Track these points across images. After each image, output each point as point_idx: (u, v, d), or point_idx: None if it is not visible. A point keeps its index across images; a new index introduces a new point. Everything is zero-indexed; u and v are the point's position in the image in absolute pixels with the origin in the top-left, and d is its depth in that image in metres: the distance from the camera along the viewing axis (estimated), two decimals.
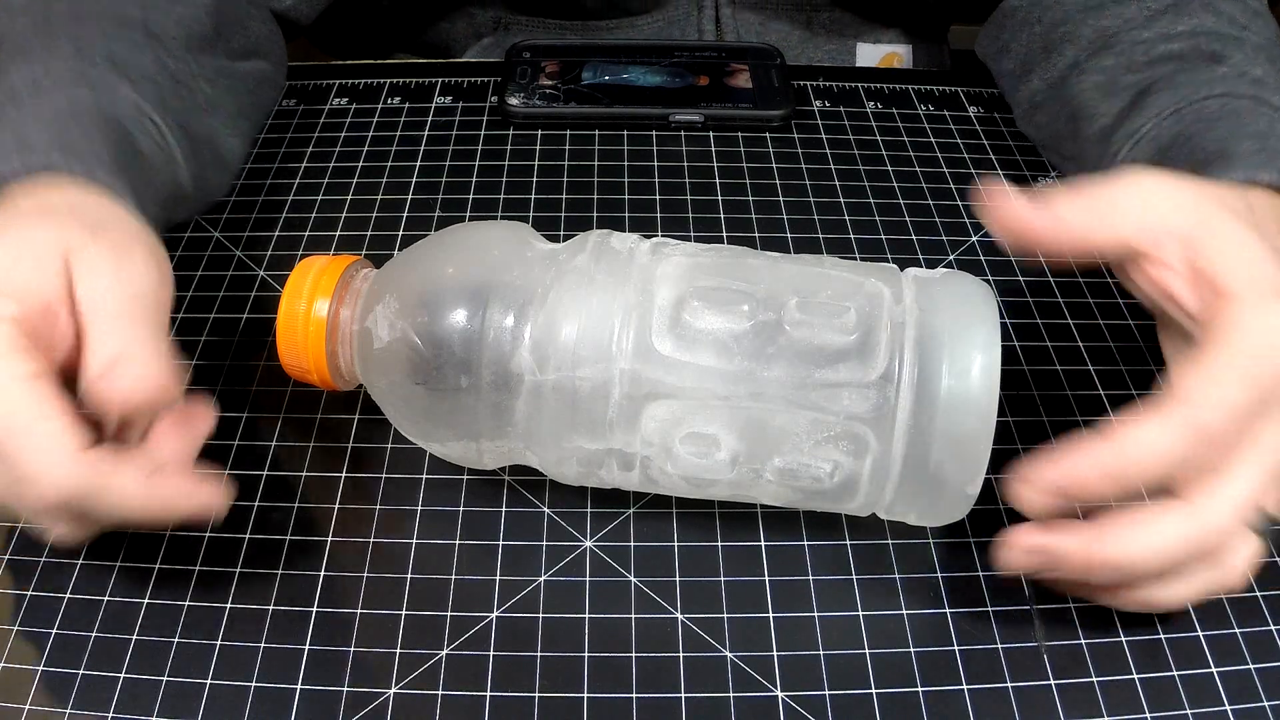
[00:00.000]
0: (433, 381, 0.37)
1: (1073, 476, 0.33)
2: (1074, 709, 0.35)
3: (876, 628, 0.38)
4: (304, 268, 0.41)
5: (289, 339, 0.40)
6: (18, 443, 0.32)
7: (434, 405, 0.38)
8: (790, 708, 0.35)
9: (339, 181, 0.57)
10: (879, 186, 0.58)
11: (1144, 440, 0.33)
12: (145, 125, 0.44)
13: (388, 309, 0.38)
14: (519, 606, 0.38)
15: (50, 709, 0.35)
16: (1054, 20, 0.55)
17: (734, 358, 0.35)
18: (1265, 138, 0.43)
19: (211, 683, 0.35)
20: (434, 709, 0.35)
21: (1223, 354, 0.34)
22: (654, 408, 0.35)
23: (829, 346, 0.35)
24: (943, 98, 0.66)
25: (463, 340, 0.37)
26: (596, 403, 0.36)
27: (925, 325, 0.35)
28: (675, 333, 0.36)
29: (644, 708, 0.35)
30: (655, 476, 0.37)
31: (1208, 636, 0.38)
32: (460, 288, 0.37)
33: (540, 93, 0.63)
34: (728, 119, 0.62)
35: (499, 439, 0.38)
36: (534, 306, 0.37)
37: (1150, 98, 0.48)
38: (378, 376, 0.39)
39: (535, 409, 0.37)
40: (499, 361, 0.36)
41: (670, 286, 0.36)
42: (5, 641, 0.36)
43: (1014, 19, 0.59)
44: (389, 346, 0.38)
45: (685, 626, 0.38)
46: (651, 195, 0.57)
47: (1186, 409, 0.33)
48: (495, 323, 0.36)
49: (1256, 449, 0.34)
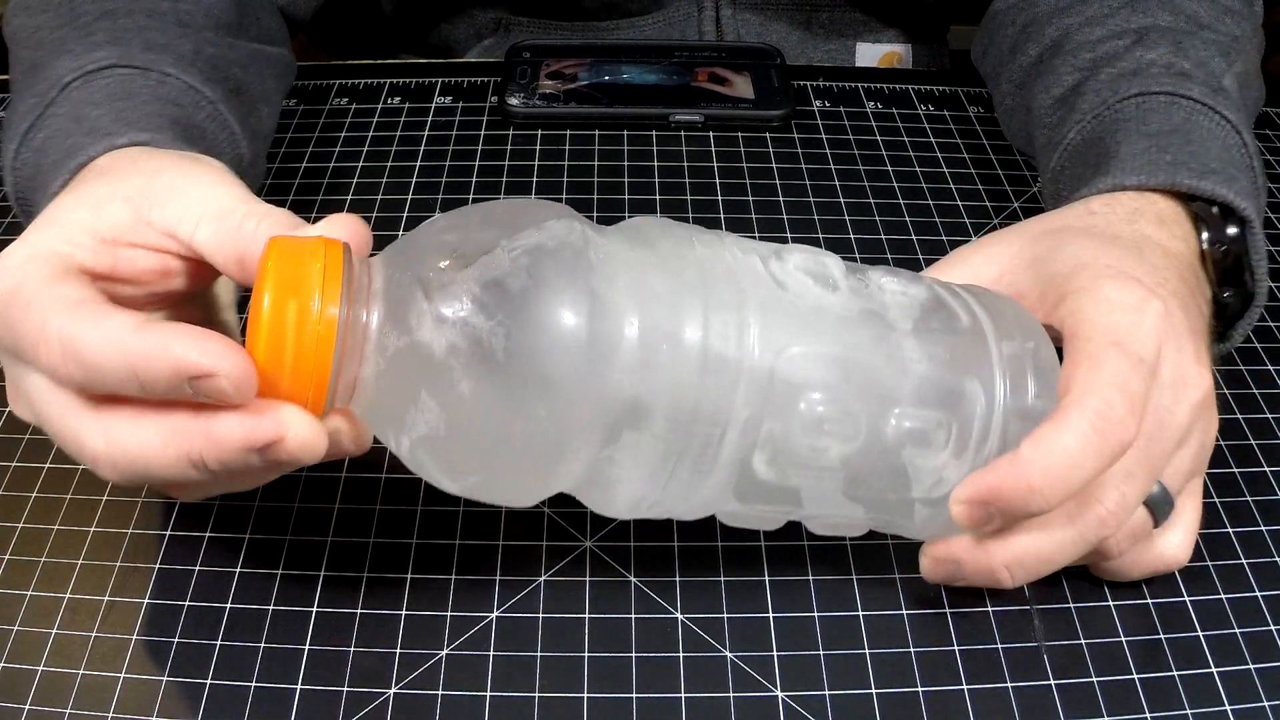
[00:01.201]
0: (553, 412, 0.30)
1: (991, 488, 0.33)
2: (1074, 709, 0.35)
3: (876, 628, 0.38)
4: (288, 252, 0.31)
5: (276, 346, 0.30)
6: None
7: (521, 446, 0.31)
8: (790, 708, 0.35)
9: (339, 181, 0.57)
10: (879, 186, 0.58)
11: (1055, 445, 0.32)
12: (200, 102, 0.44)
13: (459, 307, 0.30)
14: (519, 606, 0.38)
15: (50, 709, 0.35)
16: (1025, 21, 0.55)
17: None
18: (1160, 137, 0.44)
19: (211, 683, 0.35)
20: (434, 709, 0.35)
21: (1081, 347, 0.34)
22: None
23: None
24: (943, 98, 0.66)
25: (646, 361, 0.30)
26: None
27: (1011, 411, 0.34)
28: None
29: (644, 708, 0.35)
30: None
31: (1207, 636, 0.38)
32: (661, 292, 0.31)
33: (540, 93, 0.63)
34: (728, 119, 0.62)
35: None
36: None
37: (1077, 101, 0.49)
38: (430, 398, 0.30)
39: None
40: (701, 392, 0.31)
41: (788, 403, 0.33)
42: (6, 641, 0.36)
43: (994, 21, 0.59)
44: (467, 360, 0.30)
45: (685, 626, 0.38)
46: (651, 195, 0.57)
47: (1083, 401, 0.33)
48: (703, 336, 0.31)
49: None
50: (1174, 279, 0.38)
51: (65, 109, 0.41)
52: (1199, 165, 0.42)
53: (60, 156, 0.39)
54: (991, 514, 0.33)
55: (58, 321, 0.30)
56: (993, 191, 0.58)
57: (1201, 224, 0.42)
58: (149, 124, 0.40)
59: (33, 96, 0.43)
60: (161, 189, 0.35)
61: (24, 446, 0.43)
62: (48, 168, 0.40)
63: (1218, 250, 0.42)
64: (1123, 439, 0.32)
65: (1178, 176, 0.42)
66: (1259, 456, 0.44)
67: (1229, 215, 0.42)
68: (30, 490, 0.41)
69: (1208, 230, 0.42)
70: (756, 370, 0.31)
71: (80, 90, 0.42)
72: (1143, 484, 0.35)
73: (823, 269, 0.34)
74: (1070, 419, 0.32)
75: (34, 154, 0.42)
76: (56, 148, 0.40)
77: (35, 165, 0.41)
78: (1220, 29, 0.50)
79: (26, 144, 0.42)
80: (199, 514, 0.40)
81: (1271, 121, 0.65)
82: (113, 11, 0.46)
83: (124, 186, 0.35)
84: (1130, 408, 0.33)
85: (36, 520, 0.40)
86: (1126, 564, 0.38)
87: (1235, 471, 0.44)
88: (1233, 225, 0.42)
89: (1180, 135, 0.44)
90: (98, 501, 0.41)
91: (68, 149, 0.39)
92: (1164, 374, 0.35)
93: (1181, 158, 0.43)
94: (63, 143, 0.40)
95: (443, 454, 0.32)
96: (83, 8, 0.46)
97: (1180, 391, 0.35)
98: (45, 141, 0.41)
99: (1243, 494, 0.43)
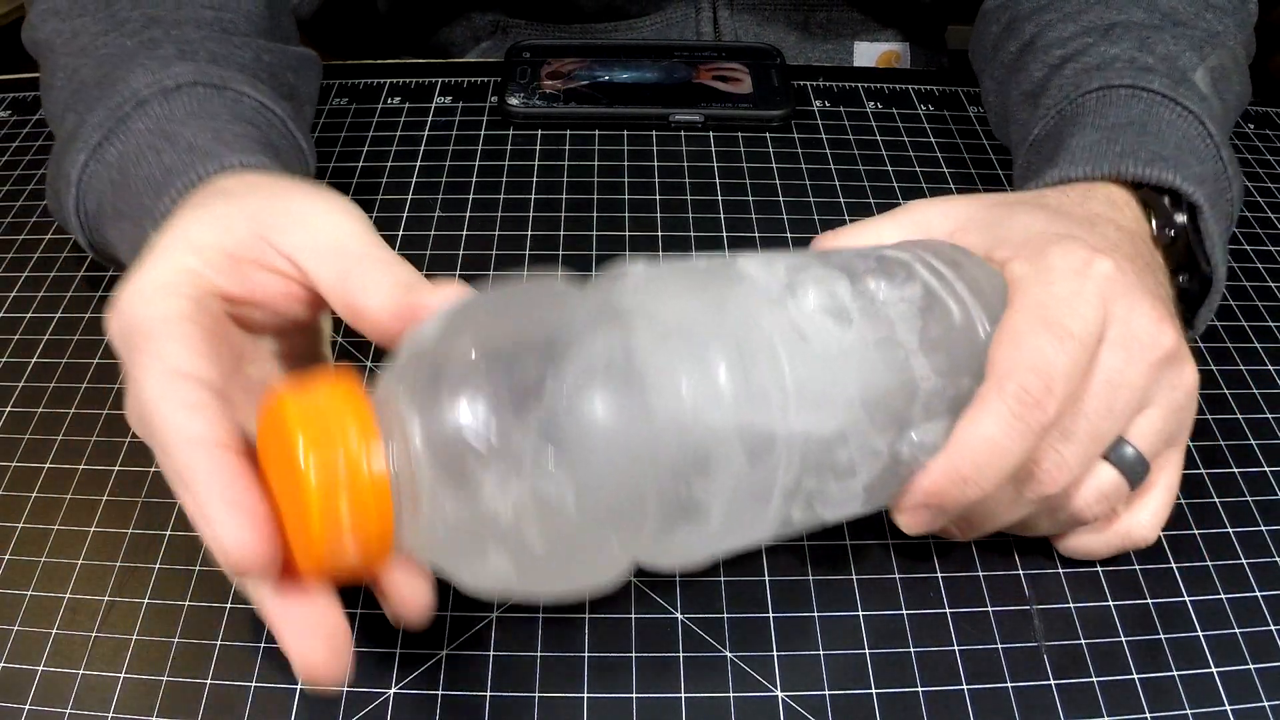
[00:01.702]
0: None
1: (928, 491, 0.34)
2: (1074, 709, 0.35)
3: (876, 628, 0.38)
4: (312, 417, 0.28)
5: (330, 515, 0.27)
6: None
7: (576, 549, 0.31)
8: (790, 708, 0.35)
9: (339, 181, 0.57)
10: (879, 186, 0.58)
11: (976, 434, 0.33)
12: (272, 121, 0.44)
13: (522, 468, 0.28)
14: (519, 606, 0.38)
15: (50, 709, 0.35)
16: (1009, 19, 0.56)
17: None
18: (1114, 129, 0.44)
19: (211, 683, 0.35)
20: (434, 709, 0.35)
21: (1013, 320, 0.34)
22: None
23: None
24: (943, 98, 0.66)
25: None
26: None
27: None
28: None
29: (644, 708, 0.35)
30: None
31: (1207, 636, 0.38)
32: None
33: (540, 93, 0.63)
34: (728, 119, 0.62)
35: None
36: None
37: (1042, 97, 0.49)
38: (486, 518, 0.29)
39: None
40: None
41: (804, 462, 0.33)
42: (5, 641, 0.36)
43: (983, 20, 0.59)
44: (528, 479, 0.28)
45: (685, 626, 0.38)
46: (651, 195, 0.57)
47: (1003, 385, 0.33)
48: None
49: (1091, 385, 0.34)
50: (1126, 246, 0.38)
51: (146, 125, 0.41)
52: (1148, 154, 0.42)
53: (158, 174, 0.39)
54: (935, 513, 0.34)
55: (153, 386, 0.31)
56: (992, 191, 0.58)
57: (1149, 210, 0.42)
58: (242, 145, 0.40)
59: (102, 110, 0.42)
60: (283, 214, 0.35)
61: (24, 446, 0.43)
62: (138, 185, 0.40)
63: (1166, 235, 0.42)
64: (1042, 419, 0.33)
65: (1123, 165, 0.42)
66: (1259, 456, 0.44)
67: (1180, 202, 0.42)
68: (30, 490, 0.41)
69: (1156, 217, 0.42)
70: (794, 439, 0.32)
71: (160, 107, 0.42)
72: (1082, 444, 0.34)
73: (836, 300, 0.34)
74: (990, 404, 0.33)
75: (106, 168, 0.42)
76: (148, 165, 0.40)
77: (108, 180, 0.41)
78: (1198, 25, 0.50)
79: (97, 158, 0.42)
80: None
81: (1272, 121, 0.65)
82: (159, 19, 0.46)
83: (247, 207, 0.35)
84: (1046, 387, 0.33)
85: (36, 520, 0.40)
86: (1091, 540, 0.38)
87: (1235, 471, 0.44)
88: (1181, 213, 0.42)
89: (1136, 127, 0.44)
90: (98, 501, 0.41)
91: (167, 167, 0.39)
92: (1112, 334, 0.34)
93: (1131, 148, 0.43)
94: (156, 160, 0.40)
95: (513, 587, 0.32)
96: (125, 14, 0.46)
97: (1133, 350, 0.35)
98: (124, 158, 0.41)
99: (1243, 494, 0.43)
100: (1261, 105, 0.65)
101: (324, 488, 0.27)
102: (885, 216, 0.40)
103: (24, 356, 0.47)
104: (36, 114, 0.63)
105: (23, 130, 0.62)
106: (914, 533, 0.35)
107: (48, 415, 0.44)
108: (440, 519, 0.29)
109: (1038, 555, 0.40)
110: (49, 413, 0.45)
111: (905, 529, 0.35)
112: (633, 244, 0.53)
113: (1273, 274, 0.54)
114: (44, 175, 0.58)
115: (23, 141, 0.61)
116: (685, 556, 0.34)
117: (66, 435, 0.44)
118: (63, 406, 0.45)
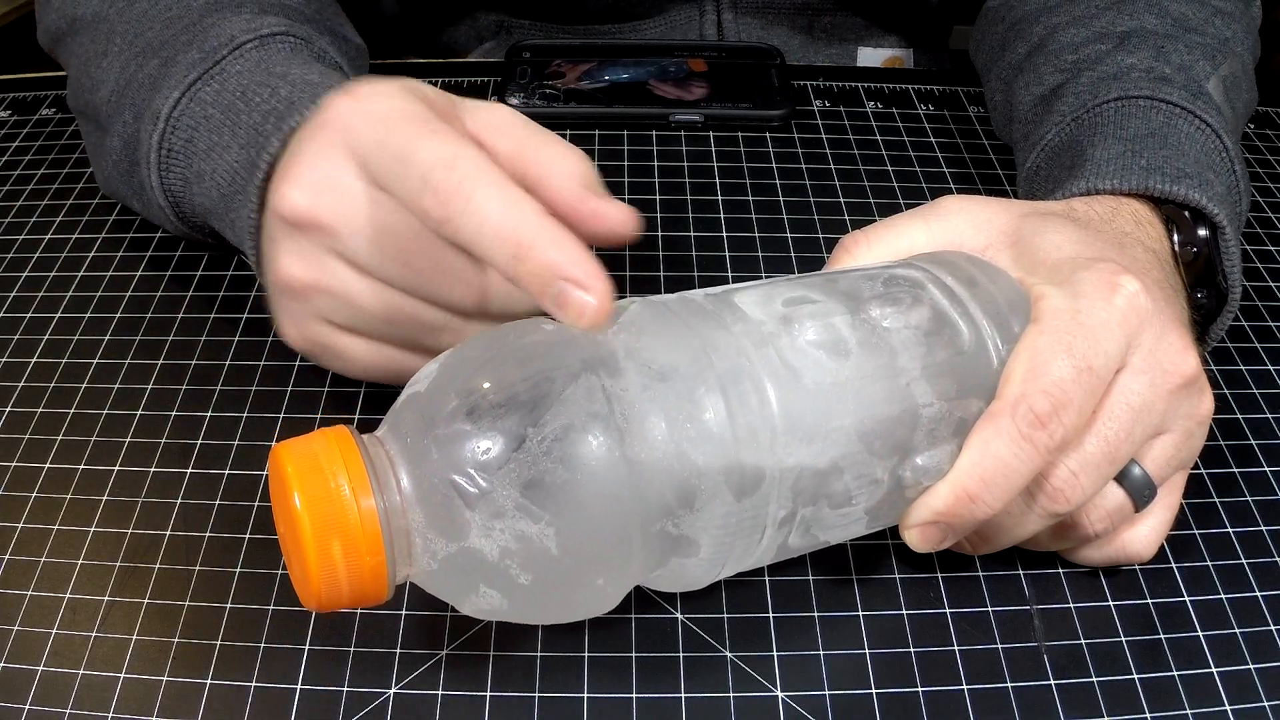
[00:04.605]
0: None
1: (936, 510, 0.33)
2: (1074, 709, 0.35)
3: (876, 628, 0.38)
4: (301, 452, 0.30)
5: (325, 556, 0.29)
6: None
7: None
8: (790, 708, 0.35)
9: None
10: (879, 186, 0.58)
11: (986, 453, 0.33)
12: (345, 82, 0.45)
13: (504, 513, 0.29)
14: None
15: (50, 709, 0.35)
16: (1015, 19, 0.55)
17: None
18: (1136, 141, 0.44)
19: (211, 683, 0.35)
20: (434, 709, 0.35)
21: (1035, 339, 0.34)
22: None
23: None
24: (943, 98, 0.66)
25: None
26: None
27: None
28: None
29: (644, 708, 0.35)
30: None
31: (1208, 636, 0.38)
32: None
33: (540, 93, 0.63)
34: (728, 119, 0.62)
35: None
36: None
37: (1057, 102, 0.49)
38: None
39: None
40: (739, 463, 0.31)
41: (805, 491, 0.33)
42: (5, 641, 0.36)
43: (986, 18, 0.59)
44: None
45: (685, 626, 0.38)
46: (651, 195, 0.57)
47: (1016, 405, 0.33)
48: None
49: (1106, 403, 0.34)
50: (1155, 271, 0.39)
51: (243, 66, 0.43)
52: (1173, 170, 0.43)
53: (279, 105, 0.41)
54: (944, 531, 0.34)
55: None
56: (992, 191, 0.58)
57: (1173, 226, 0.42)
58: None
59: (195, 51, 0.44)
60: (452, 102, 0.38)
61: (24, 446, 0.43)
62: (253, 116, 0.41)
63: (1188, 252, 0.42)
64: (1049, 443, 0.32)
65: (1150, 181, 0.42)
66: (1259, 456, 0.44)
67: (1201, 218, 0.43)
68: (30, 490, 0.41)
69: (1179, 232, 0.42)
70: (785, 474, 0.32)
71: (257, 52, 0.43)
72: (1097, 466, 0.34)
73: (833, 332, 0.33)
74: (1001, 424, 0.33)
75: (202, 105, 0.43)
76: (261, 98, 0.42)
77: (203, 117, 0.43)
78: (1208, 32, 0.50)
79: (191, 95, 0.43)
80: (199, 514, 0.40)
81: (1272, 121, 0.65)
82: (221, 3, 0.47)
83: (420, 93, 0.37)
84: (1057, 413, 0.32)
85: (36, 520, 0.40)
86: (1089, 551, 0.38)
87: (1235, 472, 0.44)
88: (1204, 228, 0.43)
89: (1157, 139, 0.44)
90: (98, 501, 0.41)
91: (286, 99, 0.41)
92: (1136, 361, 0.34)
93: (1156, 162, 0.43)
94: (271, 94, 0.42)
95: (506, 617, 0.33)
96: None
97: (1157, 378, 0.35)
98: (226, 94, 0.42)
99: (1243, 494, 0.43)
100: (1262, 105, 0.65)
101: (318, 532, 0.29)
102: (917, 216, 0.39)
103: (24, 356, 0.47)
104: (37, 114, 0.63)
105: (23, 130, 0.62)
106: (923, 550, 0.34)
107: (48, 415, 0.44)
108: (432, 557, 0.30)
109: (1038, 556, 0.40)
110: (49, 413, 0.45)
111: (914, 547, 0.34)
112: (632, 244, 0.53)
113: (1273, 274, 0.54)
114: (44, 175, 0.58)
115: (23, 141, 0.61)
116: (682, 582, 0.34)
117: (66, 435, 0.44)
118: (63, 406, 0.45)
